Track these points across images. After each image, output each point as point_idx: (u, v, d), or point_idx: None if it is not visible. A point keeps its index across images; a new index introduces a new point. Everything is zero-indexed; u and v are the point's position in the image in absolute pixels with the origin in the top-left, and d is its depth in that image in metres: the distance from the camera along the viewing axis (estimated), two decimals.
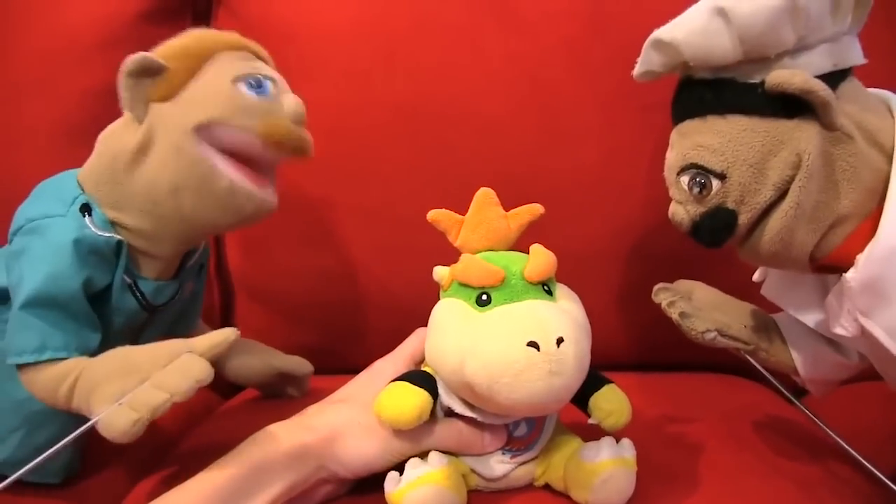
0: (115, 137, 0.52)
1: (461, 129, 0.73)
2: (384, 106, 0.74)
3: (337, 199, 0.75)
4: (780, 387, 0.53)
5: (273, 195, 0.54)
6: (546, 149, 0.73)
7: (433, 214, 0.51)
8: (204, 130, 0.49)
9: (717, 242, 0.46)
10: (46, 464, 0.52)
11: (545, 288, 0.47)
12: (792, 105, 0.42)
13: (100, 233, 0.50)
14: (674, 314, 0.53)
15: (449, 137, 0.73)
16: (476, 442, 0.49)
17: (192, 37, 0.53)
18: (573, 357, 0.43)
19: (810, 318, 0.51)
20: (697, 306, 0.54)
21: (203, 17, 0.81)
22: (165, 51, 0.51)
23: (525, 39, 0.73)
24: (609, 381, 0.51)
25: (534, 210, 0.51)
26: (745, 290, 0.56)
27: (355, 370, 0.56)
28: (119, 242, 0.51)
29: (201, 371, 0.43)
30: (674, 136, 0.47)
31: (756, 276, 0.55)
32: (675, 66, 0.46)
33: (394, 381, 0.49)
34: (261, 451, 0.47)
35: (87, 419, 0.43)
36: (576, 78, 0.72)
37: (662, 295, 0.55)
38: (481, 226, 0.50)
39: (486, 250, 0.50)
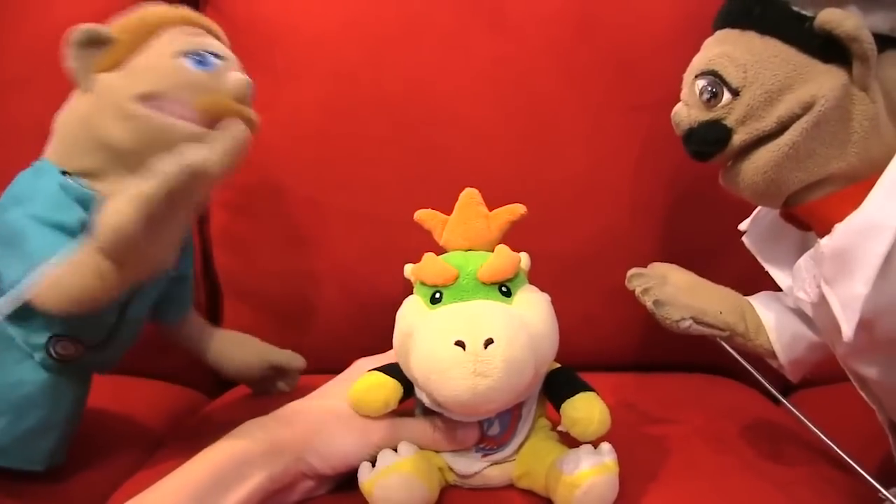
0: (69, 111, 0.53)
1: (448, 132, 0.73)
2: (371, 107, 0.74)
3: (324, 200, 0.75)
4: (759, 376, 0.52)
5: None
6: (534, 151, 0.73)
7: (419, 214, 0.52)
8: (146, 100, 0.50)
9: (704, 154, 0.46)
10: (31, 449, 0.53)
11: (502, 289, 0.47)
12: (831, 50, 0.41)
13: (82, 187, 0.50)
14: (648, 302, 0.53)
15: (436, 139, 0.73)
16: (448, 437, 0.50)
17: (143, 11, 0.53)
18: (501, 360, 0.43)
19: (781, 278, 0.51)
20: (672, 293, 0.53)
21: None
22: (116, 24, 0.52)
23: (513, 42, 0.73)
24: (588, 389, 0.49)
25: (514, 210, 0.51)
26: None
27: (343, 371, 0.57)
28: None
29: (194, 154, 0.42)
30: (709, 40, 0.47)
31: (742, 226, 0.55)
32: None
33: (371, 370, 0.51)
34: (238, 444, 0.47)
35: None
36: (563, 81, 0.73)
37: (636, 281, 0.54)
38: (461, 225, 0.51)
39: (466, 249, 0.50)
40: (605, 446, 0.47)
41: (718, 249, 0.60)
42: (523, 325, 0.45)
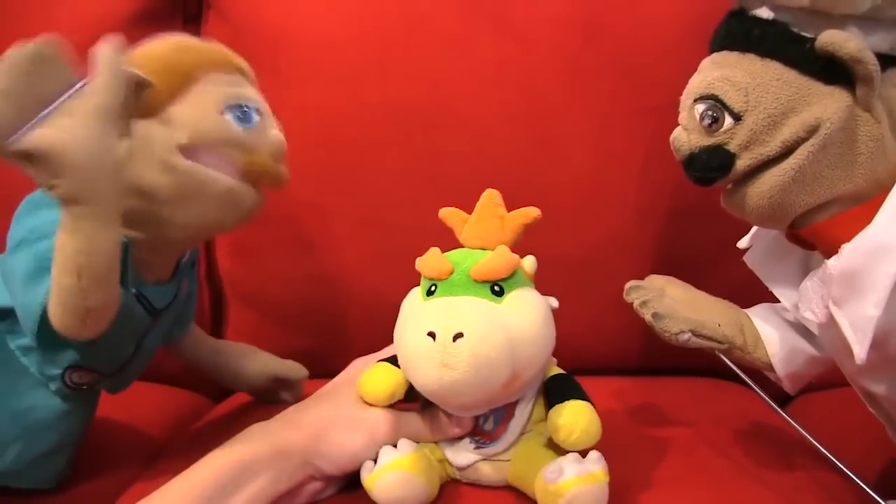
0: None
1: (453, 136, 0.73)
2: (376, 111, 0.74)
3: (328, 204, 0.75)
4: (755, 387, 0.52)
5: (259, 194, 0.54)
6: (539, 155, 0.73)
7: (443, 212, 0.53)
8: (188, 150, 0.49)
9: (706, 180, 0.46)
10: (42, 470, 0.54)
11: (495, 288, 0.48)
12: (833, 71, 0.41)
13: None
14: (647, 315, 0.53)
15: (441, 143, 0.73)
16: (448, 426, 0.51)
17: (179, 51, 0.51)
18: (468, 355, 0.44)
19: (785, 296, 0.51)
20: (671, 305, 0.53)
21: (193, 20, 0.81)
22: (150, 63, 0.49)
23: (518, 46, 0.73)
24: (581, 398, 0.49)
25: (527, 213, 0.51)
26: (735, 295, 0.56)
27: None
28: (125, 245, 0.50)
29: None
30: (706, 62, 0.46)
31: (742, 243, 0.55)
32: None
33: (380, 360, 0.53)
34: (243, 448, 0.47)
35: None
36: (568, 85, 0.73)
37: (634, 294, 0.54)
38: (477, 224, 0.51)
39: (479, 248, 0.51)
40: (593, 455, 0.47)
41: (724, 254, 0.60)
42: (504, 324, 0.46)
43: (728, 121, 0.43)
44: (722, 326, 0.53)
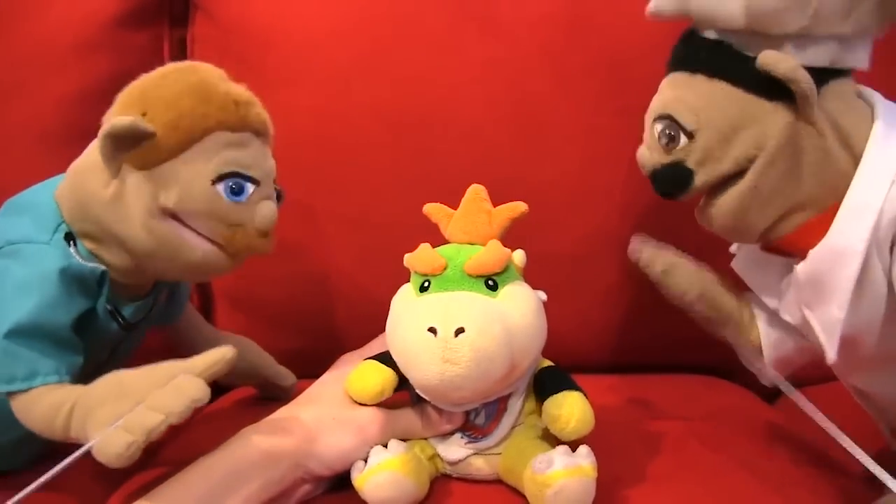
0: (88, 178, 0.50)
1: (442, 135, 0.73)
2: (364, 112, 0.73)
3: (317, 204, 0.75)
4: (769, 370, 0.53)
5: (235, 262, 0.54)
6: (526, 154, 0.73)
7: (427, 207, 0.53)
8: (170, 214, 0.49)
9: (670, 195, 0.47)
10: (15, 456, 0.55)
11: (489, 282, 0.48)
12: (776, 88, 0.42)
13: (85, 262, 0.50)
14: (656, 270, 0.53)
15: (429, 143, 0.73)
16: (439, 423, 0.51)
17: (193, 98, 0.49)
18: (470, 349, 0.44)
19: (770, 300, 0.52)
20: (681, 264, 0.53)
21: (180, 21, 0.80)
22: (161, 111, 0.48)
23: (504, 45, 0.73)
24: (574, 388, 0.49)
25: (514, 208, 0.52)
26: None
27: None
28: (103, 272, 0.51)
29: (197, 390, 0.42)
30: (663, 83, 0.48)
31: (732, 248, 0.56)
32: (685, 14, 0.46)
33: (367, 359, 0.53)
34: (235, 453, 0.48)
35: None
36: (555, 83, 0.73)
37: (644, 250, 0.53)
38: (463, 219, 0.52)
39: (466, 243, 0.51)
40: (583, 449, 0.47)
41: (711, 251, 0.60)
42: (501, 317, 0.46)
43: (683, 139, 0.45)
44: (727, 295, 0.53)
